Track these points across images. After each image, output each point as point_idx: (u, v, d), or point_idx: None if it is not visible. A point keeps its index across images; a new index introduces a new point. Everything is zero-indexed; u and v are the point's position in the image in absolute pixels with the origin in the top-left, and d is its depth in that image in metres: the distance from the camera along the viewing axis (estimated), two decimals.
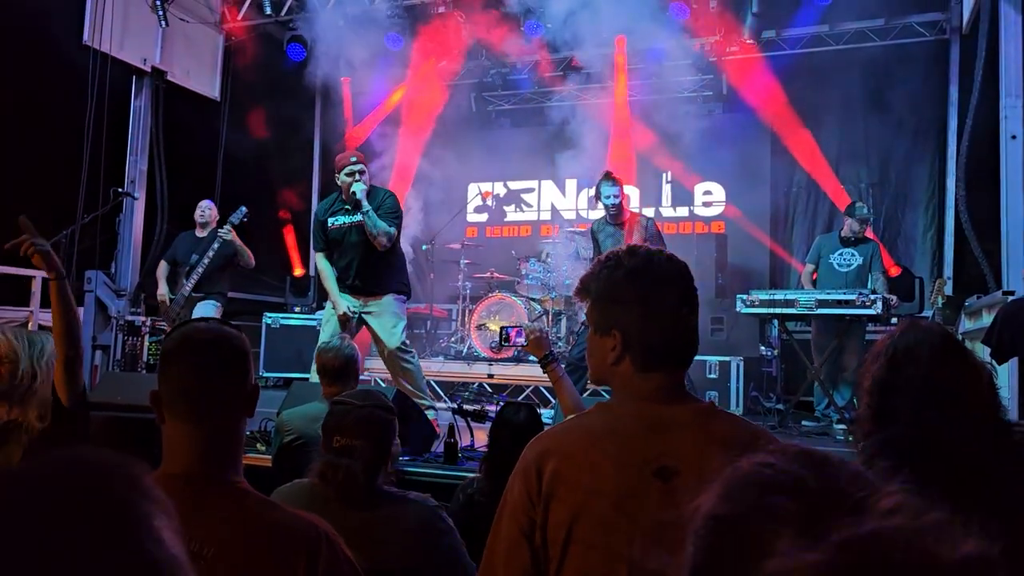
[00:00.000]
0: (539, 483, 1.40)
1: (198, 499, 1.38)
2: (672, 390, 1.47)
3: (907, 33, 8.34)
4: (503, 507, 1.46)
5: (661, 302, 1.46)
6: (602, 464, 1.37)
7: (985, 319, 5.19)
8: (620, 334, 1.47)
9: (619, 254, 1.52)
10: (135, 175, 8.19)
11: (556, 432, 1.51)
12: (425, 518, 2.08)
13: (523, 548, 1.39)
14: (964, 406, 1.78)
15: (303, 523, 1.40)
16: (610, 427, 1.44)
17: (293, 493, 2.09)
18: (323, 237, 5.23)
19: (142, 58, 8.05)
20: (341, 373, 3.55)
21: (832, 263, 6.56)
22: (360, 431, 2.08)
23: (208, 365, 1.46)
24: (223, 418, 1.46)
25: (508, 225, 10.23)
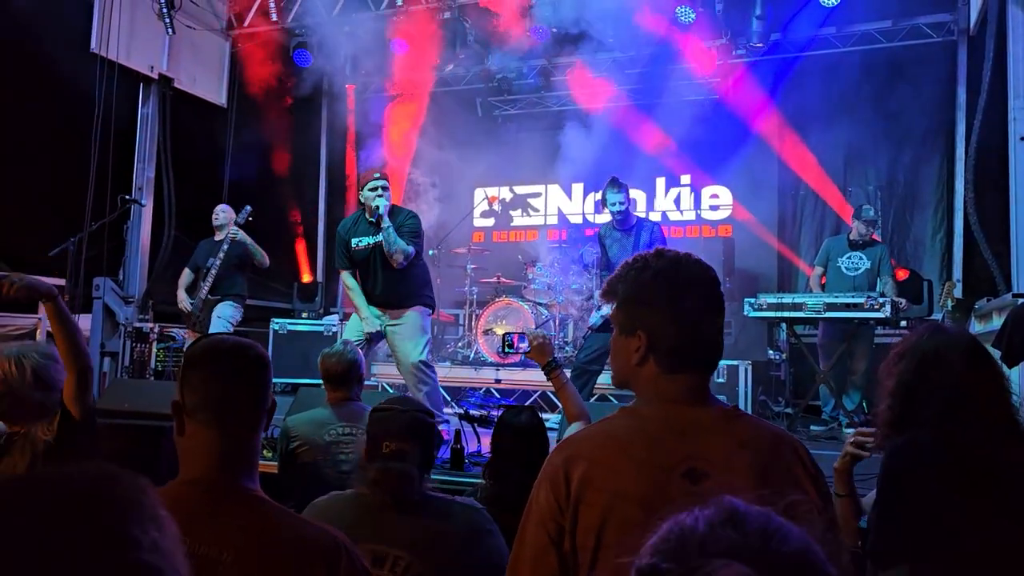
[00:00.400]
0: (567, 488, 1.39)
1: (217, 506, 1.40)
2: (698, 392, 1.48)
3: (914, 35, 8.30)
4: (528, 514, 1.45)
5: (687, 304, 1.46)
6: (630, 467, 1.37)
7: (995, 322, 5.16)
8: (645, 335, 1.47)
9: (647, 256, 1.52)
10: (143, 182, 8.22)
11: (582, 437, 1.50)
12: (473, 520, 2.09)
13: (551, 555, 1.38)
14: (991, 412, 1.77)
15: (322, 533, 1.41)
16: (637, 430, 1.44)
17: (335, 506, 2.08)
18: (347, 256, 5.27)
19: (149, 65, 8.09)
20: (345, 378, 3.55)
21: (840, 266, 6.54)
22: (409, 435, 2.10)
23: (233, 374, 1.50)
24: (243, 427, 1.49)
25: (514, 230, 10.23)
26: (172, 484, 1.45)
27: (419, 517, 2.04)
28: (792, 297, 5.98)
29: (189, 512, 1.37)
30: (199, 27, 8.59)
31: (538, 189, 10.18)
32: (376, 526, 1.97)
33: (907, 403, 1.86)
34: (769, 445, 1.39)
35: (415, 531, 1.98)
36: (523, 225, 10.22)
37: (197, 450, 1.45)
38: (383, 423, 2.13)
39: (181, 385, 1.49)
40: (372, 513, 2.01)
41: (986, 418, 1.76)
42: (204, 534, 1.33)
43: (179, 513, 1.34)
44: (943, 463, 1.73)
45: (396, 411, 2.17)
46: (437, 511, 2.08)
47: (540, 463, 1.50)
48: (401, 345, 5.15)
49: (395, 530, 1.97)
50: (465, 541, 2.04)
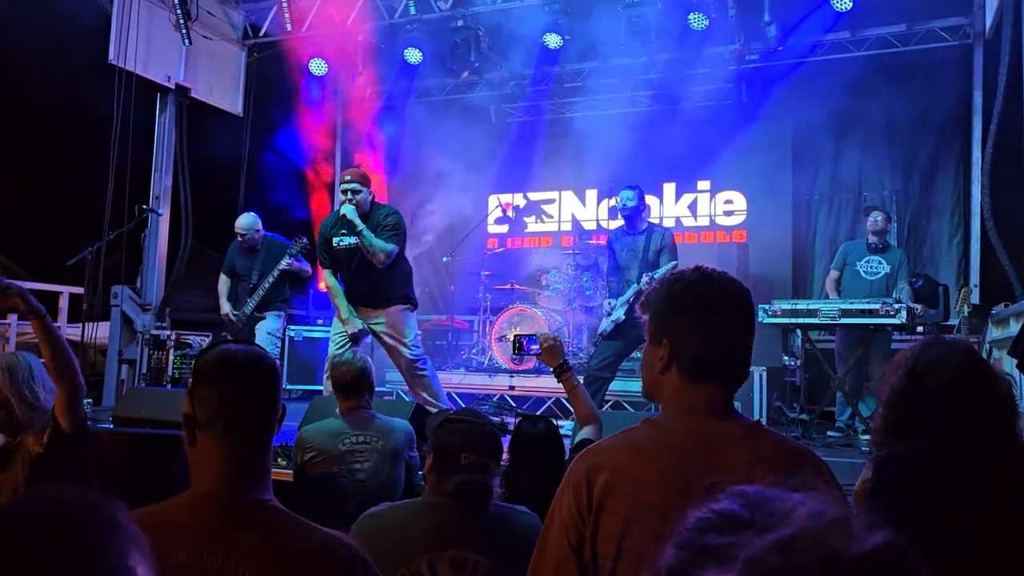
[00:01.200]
0: (589, 496, 1.41)
1: (231, 518, 1.40)
2: (722, 405, 1.49)
3: (930, 38, 8.25)
4: (550, 522, 1.47)
5: (715, 317, 1.48)
6: (653, 476, 1.39)
7: (1012, 328, 5.11)
8: (669, 343, 1.50)
9: (684, 271, 1.56)
10: (160, 191, 8.30)
11: (605, 446, 1.52)
12: (535, 525, 2.13)
13: (571, 563, 1.41)
14: (986, 423, 1.76)
15: (338, 543, 1.41)
16: (662, 441, 1.45)
17: (403, 515, 2.11)
18: (329, 255, 5.26)
19: (166, 75, 8.17)
20: (355, 386, 3.56)
21: (859, 270, 6.50)
22: (487, 448, 2.15)
23: (244, 385, 1.49)
24: (255, 438, 1.48)
25: (529, 236, 10.23)
26: (184, 497, 1.45)
27: (490, 522, 2.09)
28: (807, 303, 5.96)
29: (203, 525, 1.38)
30: (215, 37, 8.68)
31: (552, 196, 10.19)
32: (453, 532, 2.01)
33: (900, 412, 1.87)
34: (790, 461, 1.40)
35: (489, 536, 2.03)
36: (537, 232, 10.23)
37: (209, 462, 1.44)
38: (462, 435, 2.15)
39: (191, 397, 1.48)
40: (447, 520, 2.04)
41: (982, 426, 1.76)
42: (220, 547, 1.34)
43: (194, 527, 1.37)
44: (937, 472, 1.73)
45: (474, 423, 2.20)
46: (503, 517, 2.13)
47: (555, 471, 1.52)
48: (391, 346, 5.17)
49: (471, 536, 2.02)
50: (532, 545, 2.09)
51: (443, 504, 2.07)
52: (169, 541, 1.34)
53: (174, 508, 1.43)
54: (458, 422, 2.19)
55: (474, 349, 8.60)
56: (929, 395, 1.81)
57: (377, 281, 5.14)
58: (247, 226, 6.59)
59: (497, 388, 7.66)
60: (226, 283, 6.66)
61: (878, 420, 1.95)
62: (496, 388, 7.67)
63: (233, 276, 6.64)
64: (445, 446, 2.13)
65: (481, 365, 8.13)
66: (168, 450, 3.62)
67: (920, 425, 1.82)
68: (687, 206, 9.57)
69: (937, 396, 1.79)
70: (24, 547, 0.61)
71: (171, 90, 8.30)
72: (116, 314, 7.70)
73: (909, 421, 1.85)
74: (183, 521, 1.39)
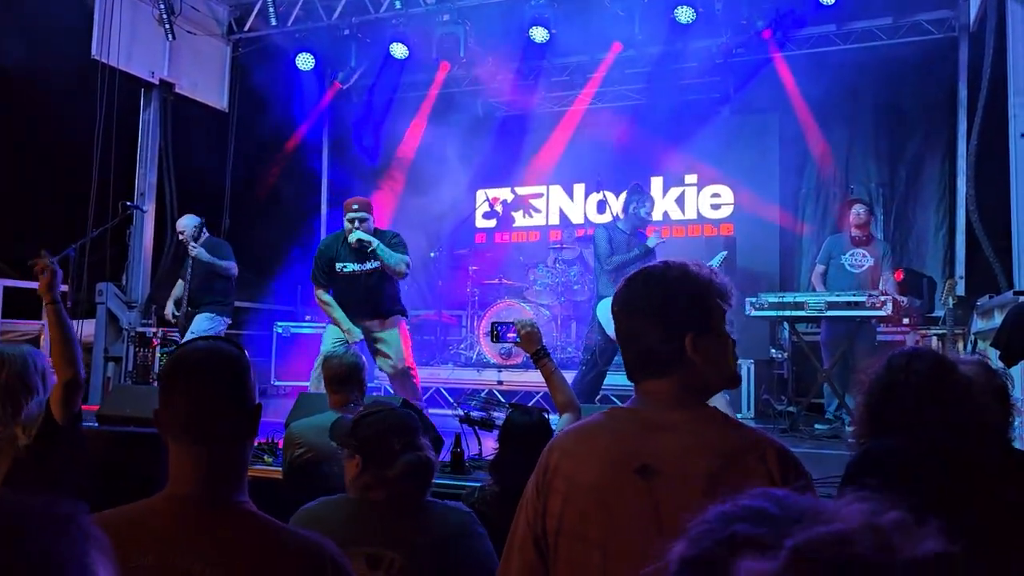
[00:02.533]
0: (544, 477, 1.49)
1: (202, 522, 1.38)
2: (668, 396, 1.48)
3: (915, 31, 8.28)
4: (520, 503, 1.54)
5: (628, 317, 1.52)
6: (591, 459, 1.45)
7: (997, 319, 5.14)
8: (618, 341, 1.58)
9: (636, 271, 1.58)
10: (144, 188, 8.24)
11: (566, 431, 1.60)
12: (464, 523, 2.13)
13: (529, 540, 1.47)
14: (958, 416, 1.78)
15: (308, 543, 1.39)
16: (605, 426, 1.51)
17: (327, 510, 2.09)
18: (327, 277, 5.34)
19: (150, 71, 8.10)
20: (347, 380, 3.56)
21: (843, 263, 6.53)
22: (410, 429, 2.17)
23: (203, 386, 1.45)
24: (223, 439, 1.45)
25: (517, 231, 10.22)
26: (156, 498, 1.43)
27: (415, 519, 2.07)
28: (793, 296, 5.98)
29: (173, 528, 1.37)
30: (200, 32, 8.61)
31: (539, 190, 10.18)
32: (372, 528, 1.99)
33: (877, 407, 1.89)
34: (732, 451, 1.39)
35: (411, 533, 2.00)
36: (525, 226, 10.22)
37: (179, 463, 1.43)
38: (383, 423, 2.14)
39: (159, 399, 1.47)
40: (367, 515, 2.03)
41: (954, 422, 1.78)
42: (188, 550, 1.32)
43: (163, 529, 1.36)
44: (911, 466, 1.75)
45: (387, 410, 2.20)
46: (431, 513, 2.11)
47: None
48: (391, 353, 5.31)
49: (391, 532, 1.99)
50: (458, 543, 2.07)
51: (367, 500, 2.06)
52: (138, 543, 1.33)
53: (145, 509, 1.42)
54: (372, 415, 2.18)
55: (462, 344, 8.60)
56: (904, 391, 1.84)
57: (376, 303, 5.35)
58: (181, 226, 6.57)
59: (486, 383, 7.66)
60: (181, 286, 6.65)
61: (855, 419, 1.98)
62: (485, 383, 7.67)
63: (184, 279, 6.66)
64: (372, 438, 2.11)
65: (469, 360, 8.13)
66: (154, 448, 3.59)
67: (895, 420, 1.85)
68: (674, 200, 9.58)
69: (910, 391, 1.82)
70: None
71: (155, 86, 8.23)
72: (102, 311, 7.65)
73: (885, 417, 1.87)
74: (153, 523, 1.38)
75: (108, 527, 1.34)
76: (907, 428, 1.82)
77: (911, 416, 1.82)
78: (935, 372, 1.83)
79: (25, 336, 8.40)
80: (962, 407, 1.80)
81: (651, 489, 1.36)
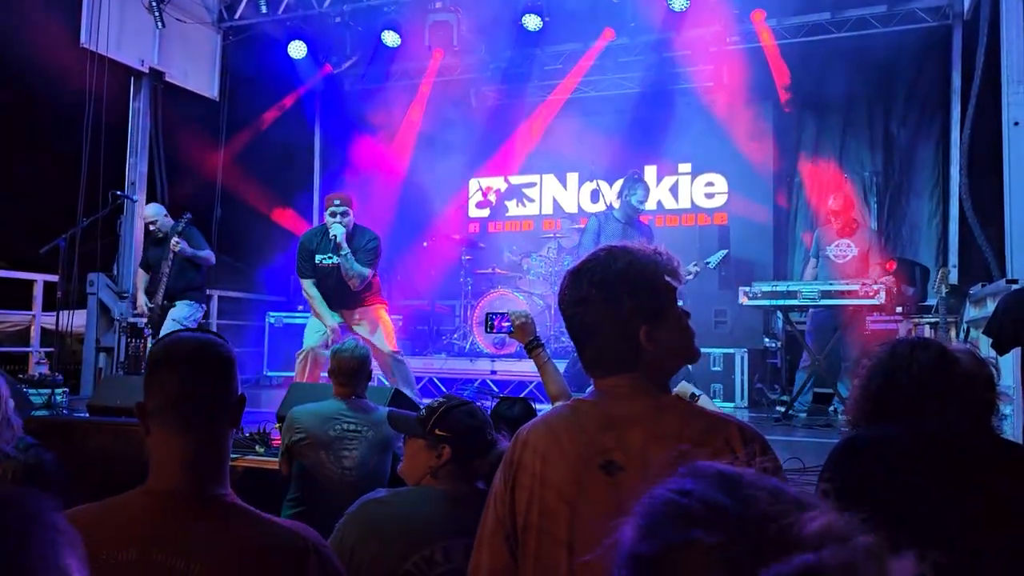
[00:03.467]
0: (510, 470, 1.48)
1: (185, 515, 1.37)
2: (628, 387, 1.46)
3: (909, 19, 8.25)
4: (488, 496, 1.53)
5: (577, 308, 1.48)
6: (556, 456, 1.43)
7: (989, 307, 5.14)
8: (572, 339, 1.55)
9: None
10: (135, 177, 8.17)
11: (530, 424, 1.55)
12: None
13: (499, 534, 1.46)
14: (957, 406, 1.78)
15: (292, 536, 1.39)
16: (569, 420, 1.48)
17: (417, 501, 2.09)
18: (311, 268, 5.54)
19: (140, 59, 8.03)
20: (356, 374, 3.55)
21: (829, 255, 6.58)
22: (491, 424, 2.23)
23: (192, 374, 1.45)
24: (208, 429, 1.44)
25: (510, 220, 10.20)
26: (138, 492, 1.41)
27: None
28: (787, 285, 5.98)
29: (155, 522, 1.35)
30: (189, 20, 8.53)
31: (533, 180, 10.15)
32: (458, 520, 1.99)
33: (877, 394, 1.88)
34: (696, 437, 1.37)
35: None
36: (518, 216, 10.19)
37: (163, 456, 1.41)
38: (478, 417, 2.19)
39: (145, 388, 1.45)
40: (465, 507, 2.01)
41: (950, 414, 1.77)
42: (170, 545, 1.31)
43: (145, 523, 1.35)
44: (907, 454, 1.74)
45: (474, 406, 2.23)
46: None
47: None
48: (375, 338, 5.46)
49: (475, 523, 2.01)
50: None
51: (461, 491, 2.07)
52: (120, 538, 1.32)
53: (126, 503, 1.41)
54: (462, 406, 2.19)
55: (455, 334, 8.58)
56: (903, 378, 1.83)
57: (356, 295, 5.55)
58: (153, 215, 6.66)
59: (479, 373, 7.66)
60: (143, 277, 6.72)
61: (851, 406, 1.97)
62: (478, 373, 7.66)
63: (148, 269, 6.70)
64: (468, 430, 2.12)
65: (463, 350, 8.11)
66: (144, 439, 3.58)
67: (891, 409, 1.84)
68: (668, 189, 9.57)
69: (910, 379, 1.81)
70: None
71: (145, 74, 8.16)
72: (93, 302, 7.61)
73: (884, 405, 1.87)
74: (135, 517, 1.37)
75: (90, 522, 1.33)
76: (903, 417, 1.81)
77: (909, 406, 1.81)
78: (939, 364, 1.82)
79: (16, 327, 8.36)
80: (960, 400, 1.79)
81: (616, 484, 1.34)
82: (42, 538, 0.61)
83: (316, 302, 5.49)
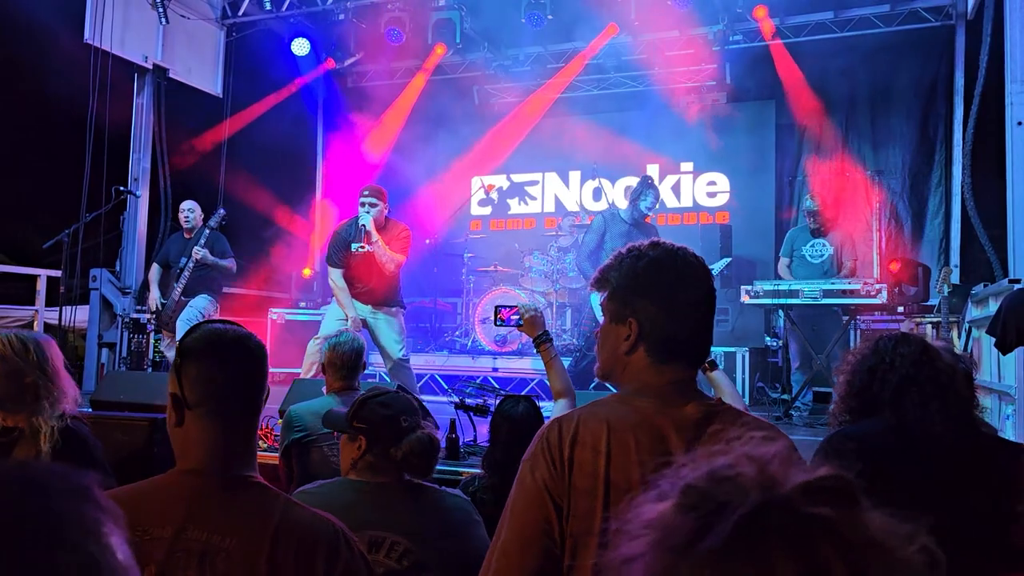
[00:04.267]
0: (561, 469, 1.36)
1: (218, 494, 1.41)
2: (685, 385, 1.45)
3: (912, 19, 8.25)
4: (518, 495, 1.39)
5: (681, 295, 1.44)
6: (621, 456, 1.35)
7: (991, 307, 5.15)
8: (636, 323, 1.44)
9: (641, 246, 1.49)
10: (138, 173, 8.19)
11: (580, 419, 1.42)
12: (465, 510, 2.15)
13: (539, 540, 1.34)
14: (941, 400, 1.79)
15: (323, 521, 1.42)
16: (634, 421, 1.39)
17: (329, 492, 2.09)
18: (343, 257, 5.58)
19: (143, 55, 8.04)
20: (353, 366, 3.56)
21: (805, 255, 6.68)
22: (413, 410, 2.19)
23: (235, 365, 1.50)
24: (243, 417, 1.50)
25: (512, 218, 10.20)
26: (171, 473, 1.46)
27: (416, 503, 2.07)
28: (788, 284, 5.98)
29: (189, 501, 1.39)
30: (193, 16, 8.54)
31: (535, 177, 10.15)
32: (374, 511, 1.99)
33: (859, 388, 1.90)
34: None
35: (413, 517, 2.01)
36: (520, 214, 10.20)
37: (197, 440, 1.45)
38: (389, 406, 2.15)
39: (179, 376, 1.47)
40: (370, 498, 2.03)
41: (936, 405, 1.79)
42: (206, 522, 1.35)
43: (179, 502, 1.38)
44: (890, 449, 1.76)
45: (392, 393, 2.22)
46: (431, 499, 2.11)
47: None
48: (386, 342, 5.60)
49: (393, 515, 2.00)
50: (459, 530, 2.07)
51: (380, 482, 2.07)
52: (154, 516, 1.36)
53: (160, 484, 1.45)
54: (377, 396, 2.19)
55: (457, 331, 8.59)
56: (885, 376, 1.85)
57: (384, 286, 5.62)
58: (191, 207, 6.59)
59: (480, 370, 7.66)
60: (157, 271, 6.61)
61: (836, 402, 1.99)
62: (479, 370, 7.67)
63: (165, 266, 6.60)
64: (380, 419, 2.12)
65: (464, 347, 8.12)
66: (148, 434, 3.59)
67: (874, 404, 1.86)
68: (670, 188, 9.56)
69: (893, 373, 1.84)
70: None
71: (148, 70, 8.17)
72: (95, 297, 7.62)
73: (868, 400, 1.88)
74: (169, 497, 1.41)
75: (125, 502, 1.35)
76: (887, 410, 1.83)
77: (891, 400, 1.83)
78: (921, 358, 1.84)
79: (18, 323, 8.37)
80: (945, 394, 1.80)
81: None
82: (84, 512, 0.63)
83: (341, 293, 5.56)
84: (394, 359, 5.62)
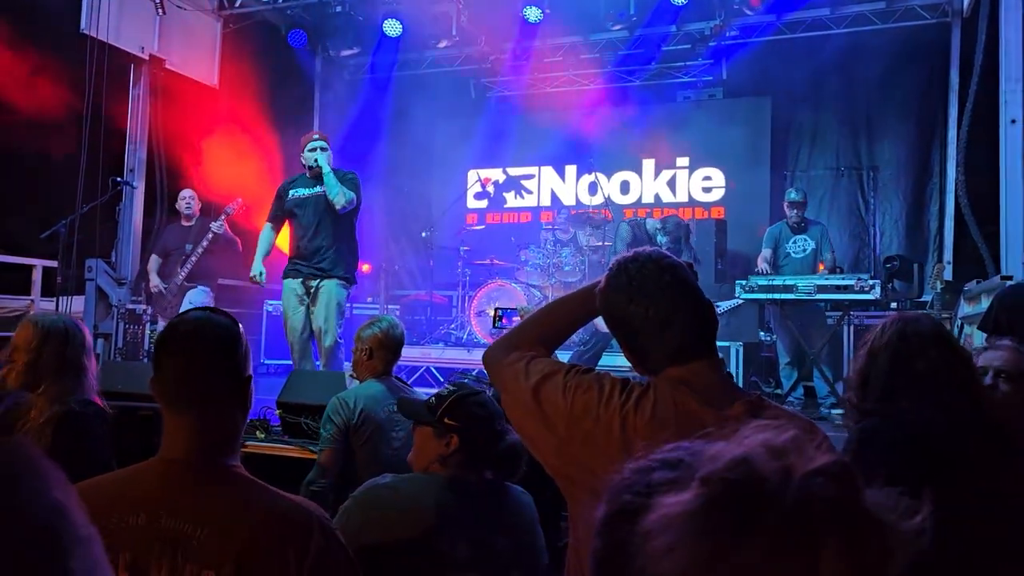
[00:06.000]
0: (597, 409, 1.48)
1: (194, 483, 1.41)
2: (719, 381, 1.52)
3: (908, 16, 8.28)
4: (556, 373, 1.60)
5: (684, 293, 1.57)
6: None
7: (984, 304, 5.19)
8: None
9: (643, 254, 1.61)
10: (134, 164, 8.17)
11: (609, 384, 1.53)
12: (532, 504, 2.14)
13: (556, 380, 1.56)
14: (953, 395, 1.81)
15: (295, 509, 1.42)
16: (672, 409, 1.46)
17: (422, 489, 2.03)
18: (280, 208, 5.37)
19: (140, 46, 8.01)
20: (398, 351, 3.50)
21: (788, 251, 6.75)
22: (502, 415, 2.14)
23: (194, 352, 1.49)
24: (214, 405, 1.48)
25: (508, 212, 10.22)
26: (151, 462, 1.46)
27: (500, 501, 2.06)
28: (783, 279, 6.01)
29: (165, 489, 1.40)
30: (190, 8, 8.51)
31: (531, 171, 10.16)
32: (477, 510, 1.98)
33: (872, 387, 1.91)
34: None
35: (501, 514, 2.02)
36: (516, 207, 10.21)
37: (176, 430, 1.46)
38: (490, 405, 2.12)
39: (155, 368, 1.50)
40: (462, 497, 1.99)
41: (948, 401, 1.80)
42: (179, 511, 1.36)
43: (156, 490, 1.39)
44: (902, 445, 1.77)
45: (485, 395, 2.18)
46: (511, 497, 2.10)
47: None
48: (319, 321, 5.11)
49: (489, 514, 2.00)
50: (533, 526, 2.09)
51: (469, 480, 2.04)
52: (129, 503, 1.37)
53: (136, 472, 1.46)
54: (473, 395, 2.15)
55: (453, 324, 8.61)
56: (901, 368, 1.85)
57: (327, 240, 5.15)
58: (191, 195, 6.84)
59: (475, 363, 7.64)
60: (156, 261, 6.80)
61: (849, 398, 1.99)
62: (474, 363, 7.66)
63: (165, 256, 6.77)
64: (478, 420, 2.08)
65: (460, 340, 8.14)
66: (144, 424, 3.60)
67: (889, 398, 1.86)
68: (666, 182, 9.59)
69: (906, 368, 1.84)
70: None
71: (145, 61, 8.14)
72: (91, 288, 7.60)
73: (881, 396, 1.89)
74: (144, 484, 1.42)
75: (101, 489, 1.38)
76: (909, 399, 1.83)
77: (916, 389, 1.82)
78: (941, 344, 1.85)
79: (14, 313, 8.35)
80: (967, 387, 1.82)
81: None
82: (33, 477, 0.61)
83: (261, 246, 5.35)
84: (324, 346, 5.08)
